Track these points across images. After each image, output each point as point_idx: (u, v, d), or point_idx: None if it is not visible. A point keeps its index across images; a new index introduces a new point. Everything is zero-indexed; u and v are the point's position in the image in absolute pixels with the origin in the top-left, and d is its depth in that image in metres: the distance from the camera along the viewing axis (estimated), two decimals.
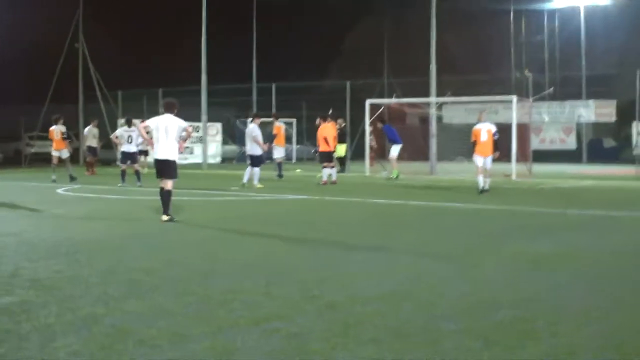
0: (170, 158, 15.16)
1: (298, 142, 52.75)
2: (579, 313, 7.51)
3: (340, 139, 33.08)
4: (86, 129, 37.19)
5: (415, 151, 37.23)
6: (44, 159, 39.36)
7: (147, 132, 15.60)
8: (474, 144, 23.10)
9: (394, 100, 39.13)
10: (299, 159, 50.21)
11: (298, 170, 35.56)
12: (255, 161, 26.03)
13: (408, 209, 19.03)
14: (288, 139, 42.96)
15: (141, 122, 15.58)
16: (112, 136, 29.58)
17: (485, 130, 23.10)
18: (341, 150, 34.28)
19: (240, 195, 22.63)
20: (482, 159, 23.03)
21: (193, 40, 44.33)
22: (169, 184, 15.10)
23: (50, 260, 10.58)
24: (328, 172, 27.53)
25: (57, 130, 29.63)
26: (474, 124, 23.80)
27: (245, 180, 25.78)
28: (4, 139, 50.79)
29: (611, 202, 20.74)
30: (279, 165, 32.30)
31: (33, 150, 46.08)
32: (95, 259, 10.67)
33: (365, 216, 17.10)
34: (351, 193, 23.50)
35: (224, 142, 52.33)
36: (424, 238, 13.30)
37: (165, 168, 15.18)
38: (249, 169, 26.03)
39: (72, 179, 28.39)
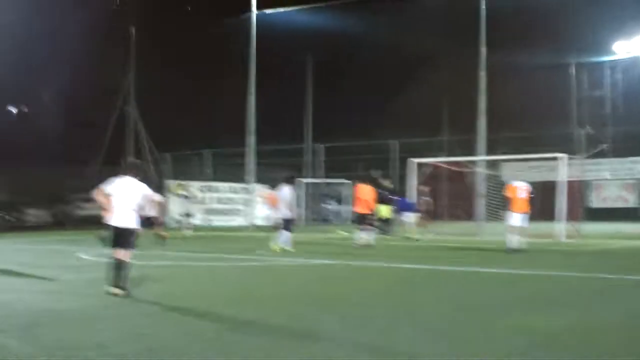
0: (130, 226, 13.71)
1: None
2: None
3: (385, 200, 32.11)
4: None
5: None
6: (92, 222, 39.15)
7: (105, 196, 13.65)
8: (510, 200, 22.12)
9: (439, 160, 38.12)
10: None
11: (345, 233, 34.35)
12: (286, 224, 25.14)
13: (422, 273, 17.86)
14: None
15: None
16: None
17: (523, 187, 22.18)
18: (385, 211, 33.17)
19: (263, 260, 21.64)
20: (520, 217, 22.05)
21: (242, 101, 43.90)
22: (123, 254, 13.57)
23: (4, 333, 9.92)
24: (364, 235, 26.54)
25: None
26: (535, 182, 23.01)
27: (280, 243, 24.83)
28: (53, 201, 50.70)
29: None
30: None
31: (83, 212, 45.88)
32: (54, 335, 9.83)
33: (377, 286, 15.95)
34: (378, 257, 22.35)
35: None
36: (415, 307, 12.10)
37: (122, 236, 13.63)
38: (282, 232, 25.14)
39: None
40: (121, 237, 13.60)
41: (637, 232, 33.12)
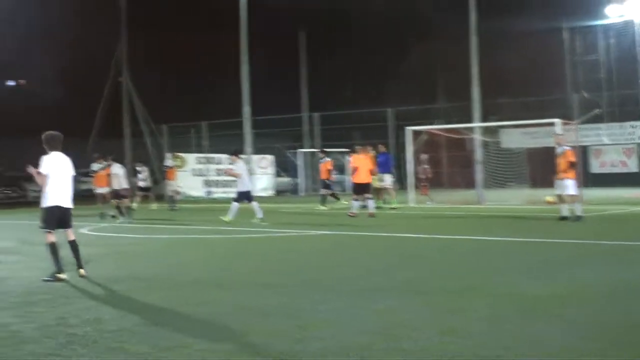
0: (71, 205, 13.25)
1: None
2: None
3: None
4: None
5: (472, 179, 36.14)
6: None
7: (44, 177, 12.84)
8: (572, 165, 22.09)
9: (435, 127, 38.13)
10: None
11: (345, 202, 34.22)
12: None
13: (421, 242, 17.87)
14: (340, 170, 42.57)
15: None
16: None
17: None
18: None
19: (260, 232, 21.66)
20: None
21: (238, 70, 43.74)
22: (73, 234, 13.29)
23: (6, 311, 9.88)
24: (358, 204, 26.59)
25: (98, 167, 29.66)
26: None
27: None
28: None
29: None
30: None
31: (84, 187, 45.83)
32: (52, 312, 9.75)
33: (376, 253, 15.97)
34: (381, 227, 22.35)
35: (278, 174, 51.72)
36: (423, 274, 12.17)
37: (69, 217, 13.20)
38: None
39: (103, 216, 28.11)
40: (68, 217, 13.20)
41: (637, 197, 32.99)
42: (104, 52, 51.10)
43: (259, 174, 46.45)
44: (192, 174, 44.66)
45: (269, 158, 49.88)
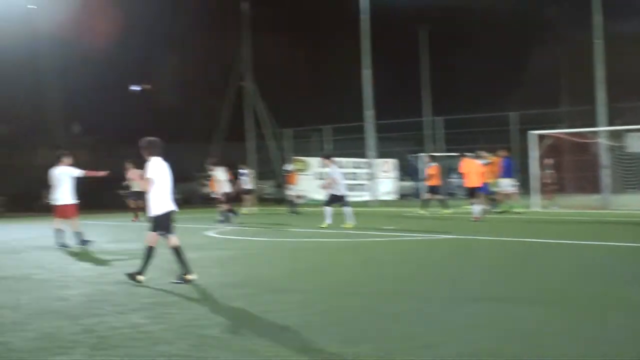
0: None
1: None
2: None
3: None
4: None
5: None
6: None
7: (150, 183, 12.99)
8: None
9: (560, 131, 37.57)
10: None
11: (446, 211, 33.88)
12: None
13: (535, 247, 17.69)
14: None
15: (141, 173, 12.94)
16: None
17: None
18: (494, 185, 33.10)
19: (383, 236, 21.79)
20: None
21: (360, 74, 43.88)
22: (175, 240, 13.21)
23: (137, 312, 10.15)
24: (479, 208, 26.64)
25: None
26: None
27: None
28: (184, 179, 51.52)
29: None
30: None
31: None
32: (183, 314, 10.01)
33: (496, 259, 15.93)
34: (510, 232, 22.25)
35: (400, 178, 51.76)
36: (555, 281, 12.09)
37: (172, 221, 13.25)
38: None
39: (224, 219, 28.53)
40: (172, 222, 13.17)
41: None
42: (227, 56, 51.90)
43: (382, 178, 46.60)
44: (314, 178, 45.03)
45: (392, 162, 49.93)
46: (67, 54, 51.06)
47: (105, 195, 39.82)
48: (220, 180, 28.56)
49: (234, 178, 36.20)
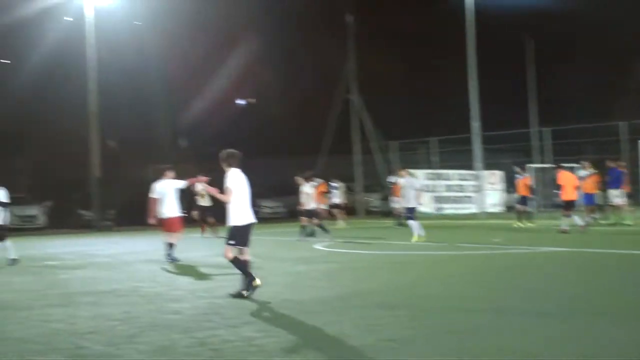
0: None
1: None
2: None
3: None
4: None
5: None
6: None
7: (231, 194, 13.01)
8: None
9: None
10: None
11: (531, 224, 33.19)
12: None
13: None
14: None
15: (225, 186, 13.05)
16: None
17: None
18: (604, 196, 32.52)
19: (496, 249, 21.43)
20: None
21: (466, 86, 43.47)
22: (248, 254, 13.27)
23: (249, 326, 10.17)
24: (578, 220, 26.54)
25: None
26: None
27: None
28: (288, 192, 51.73)
29: None
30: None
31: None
32: (295, 326, 9.99)
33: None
34: (614, 244, 21.71)
35: (507, 190, 51.01)
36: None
37: (250, 234, 13.22)
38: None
39: (324, 231, 28.19)
40: (249, 235, 13.18)
41: None
42: (333, 69, 52.08)
43: (489, 190, 46.02)
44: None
45: (498, 174, 49.22)
46: (174, 69, 51.95)
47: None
48: (307, 194, 28.27)
49: (327, 192, 36.26)
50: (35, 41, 47.26)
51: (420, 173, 45.24)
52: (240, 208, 12.92)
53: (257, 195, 44.86)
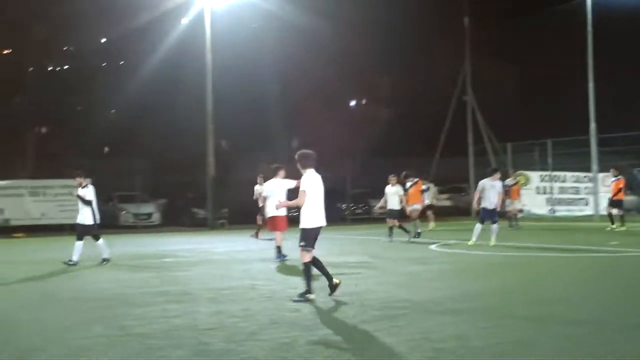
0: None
1: None
2: None
3: None
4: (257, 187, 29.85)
5: None
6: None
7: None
8: None
9: None
10: None
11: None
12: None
13: None
14: None
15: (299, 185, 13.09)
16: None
17: None
18: None
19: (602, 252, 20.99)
20: None
21: (585, 86, 42.65)
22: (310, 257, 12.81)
23: (369, 324, 10.17)
24: None
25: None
26: None
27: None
28: None
29: None
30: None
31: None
32: (414, 326, 9.94)
33: None
34: None
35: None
36: None
37: (317, 237, 12.86)
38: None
39: (408, 232, 27.66)
40: (316, 237, 12.84)
41: None
42: (448, 70, 51.81)
43: (604, 193, 45.09)
44: (536, 192, 44.35)
45: None
46: (288, 70, 52.33)
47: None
48: (392, 195, 27.80)
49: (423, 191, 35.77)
50: (153, 44, 48.19)
51: (535, 175, 44.78)
52: (312, 211, 12.66)
53: (369, 196, 45.38)
